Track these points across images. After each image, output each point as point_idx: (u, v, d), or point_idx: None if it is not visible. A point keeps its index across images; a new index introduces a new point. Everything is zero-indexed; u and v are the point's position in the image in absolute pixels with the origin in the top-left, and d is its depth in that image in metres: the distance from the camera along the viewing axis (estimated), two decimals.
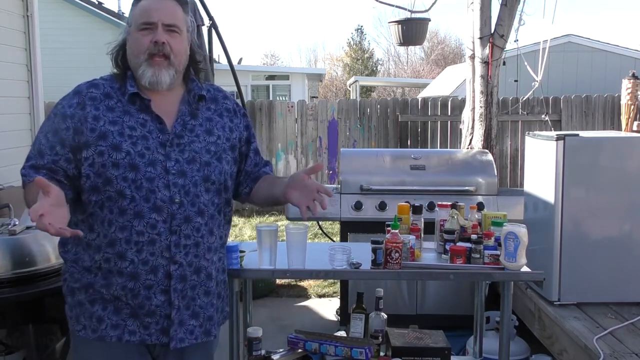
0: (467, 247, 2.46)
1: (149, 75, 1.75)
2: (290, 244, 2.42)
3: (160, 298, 1.74)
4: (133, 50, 1.77)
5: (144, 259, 1.71)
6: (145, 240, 1.70)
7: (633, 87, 3.90)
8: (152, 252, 1.72)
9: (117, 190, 1.69)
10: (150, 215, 1.70)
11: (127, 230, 1.70)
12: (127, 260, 1.71)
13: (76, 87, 1.81)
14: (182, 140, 1.78)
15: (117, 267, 1.72)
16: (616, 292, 3.22)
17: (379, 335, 2.85)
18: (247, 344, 2.72)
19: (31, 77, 4.98)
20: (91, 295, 1.76)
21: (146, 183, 1.70)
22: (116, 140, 1.70)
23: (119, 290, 1.73)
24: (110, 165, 1.69)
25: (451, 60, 28.52)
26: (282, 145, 8.68)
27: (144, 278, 1.72)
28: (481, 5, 4.70)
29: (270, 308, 4.73)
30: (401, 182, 4.11)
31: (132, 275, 1.71)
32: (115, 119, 1.74)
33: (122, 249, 1.70)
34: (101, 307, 1.75)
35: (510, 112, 7.93)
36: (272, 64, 35.85)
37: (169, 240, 1.72)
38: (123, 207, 1.69)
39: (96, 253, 1.73)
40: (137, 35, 1.76)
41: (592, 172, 3.23)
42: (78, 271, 1.77)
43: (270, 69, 22.33)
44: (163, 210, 1.71)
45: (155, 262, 1.72)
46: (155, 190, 1.71)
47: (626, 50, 12.74)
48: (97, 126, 1.71)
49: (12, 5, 4.77)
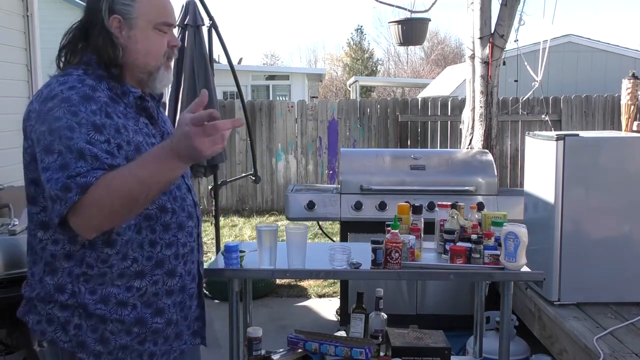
0: (467, 247, 2.46)
1: (169, 78, 1.64)
2: (290, 244, 2.42)
3: (194, 303, 1.72)
4: (149, 51, 1.57)
5: (188, 269, 1.66)
6: (188, 251, 1.66)
7: (633, 87, 3.89)
8: (192, 260, 1.68)
9: (159, 206, 1.56)
10: (188, 224, 1.65)
11: (174, 246, 1.60)
12: (177, 276, 1.62)
13: (69, 88, 1.47)
14: None
15: (167, 286, 1.60)
16: (616, 292, 3.22)
17: (379, 335, 2.85)
18: (247, 344, 2.72)
19: (31, 77, 4.98)
20: (141, 332, 1.56)
21: (177, 192, 1.62)
22: (145, 151, 1.53)
23: (172, 310, 1.62)
24: None
25: (451, 60, 28.52)
26: (282, 145, 8.68)
27: (189, 287, 1.67)
28: (481, 5, 4.70)
29: (270, 308, 4.73)
30: (401, 182, 4.11)
31: (181, 288, 1.64)
32: (135, 128, 1.55)
33: (171, 266, 1.60)
34: (152, 343, 1.59)
35: (510, 112, 7.93)
36: (272, 64, 35.87)
37: (197, 243, 1.71)
38: (166, 222, 1.57)
39: (134, 281, 1.54)
40: (153, 35, 1.57)
41: (592, 172, 3.23)
42: (109, 310, 1.51)
43: (270, 69, 22.32)
44: (193, 215, 1.67)
45: (194, 269, 1.70)
46: (185, 197, 1.65)
47: (626, 50, 12.73)
48: (130, 138, 1.51)
49: (12, 5, 4.77)
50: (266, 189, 8.70)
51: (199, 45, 3.98)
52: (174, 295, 1.61)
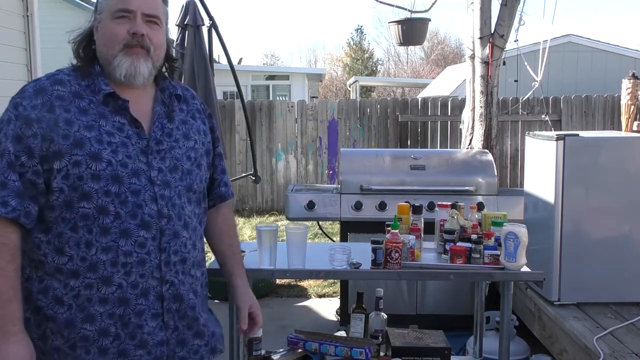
0: (467, 247, 2.46)
1: (126, 66, 1.55)
2: (290, 244, 2.42)
3: (152, 324, 1.57)
4: (106, 41, 1.56)
5: (133, 281, 1.54)
6: (134, 261, 1.53)
7: (633, 87, 3.89)
8: (142, 273, 1.54)
9: (98, 207, 1.50)
10: (139, 233, 1.53)
11: (112, 251, 1.51)
12: (113, 284, 1.52)
13: (34, 82, 1.56)
14: (162, 146, 1.60)
15: (101, 293, 1.52)
16: (616, 292, 3.22)
17: (379, 335, 2.85)
18: (247, 344, 2.72)
19: (31, 77, 4.99)
20: (70, 337, 1.53)
21: (132, 197, 1.52)
22: (94, 149, 1.49)
23: (106, 320, 1.53)
24: (89, 178, 1.49)
25: (451, 60, 28.52)
26: (282, 145, 8.68)
27: (134, 303, 1.54)
28: (481, 5, 4.70)
29: (270, 308, 4.73)
30: (401, 182, 4.11)
31: (121, 300, 1.53)
32: (90, 123, 1.51)
33: (107, 272, 1.51)
34: (84, 351, 1.53)
35: (510, 112, 7.93)
36: (272, 64, 35.85)
37: (159, 259, 1.56)
38: (105, 225, 1.50)
39: (71, 279, 1.51)
40: (110, 24, 1.55)
41: (592, 172, 3.23)
42: (47, 304, 1.53)
43: (270, 69, 22.32)
44: (152, 226, 1.54)
45: (145, 284, 1.55)
46: (142, 205, 1.53)
47: (626, 50, 12.72)
48: (70, 132, 1.49)
49: (12, 5, 4.78)
50: (266, 189, 8.70)
51: (199, 45, 3.98)
52: (109, 305, 1.53)
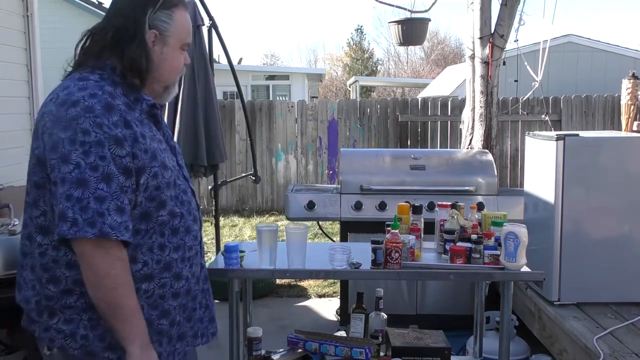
0: (467, 247, 2.46)
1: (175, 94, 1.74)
2: (290, 244, 2.42)
3: (197, 305, 1.71)
4: (171, 69, 1.64)
5: (193, 272, 1.68)
6: (194, 254, 1.67)
7: (633, 87, 3.89)
8: (197, 263, 1.70)
9: (169, 211, 1.58)
10: (194, 227, 1.67)
11: (180, 249, 1.62)
12: (182, 278, 1.63)
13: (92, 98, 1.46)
14: (173, 145, 1.75)
15: (173, 289, 1.61)
16: (616, 292, 3.22)
17: (379, 335, 2.85)
18: (247, 344, 2.73)
19: (31, 77, 4.98)
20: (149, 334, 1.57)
21: (184, 196, 1.64)
22: (162, 157, 1.56)
23: (177, 311, 1.63)
24: (164, 187, 1.55)
25: (451, 60, 28.52)
26: (282, 145, 8.68)
27: (193, 290, 1.68)
28: (481, 5, 4.70)
29: (270, 308, 4.73)
30: (401, 182, 4.11)
31: (187, 291, 1.65)
32: (150, 134, 1.57)
33: (178, 269, 1.61)
34: (157, 343, 1.58)
35: (510, 112, 7.93)
36: (272, 64, 35.85)
37: (200, 246, 1.73)
38: (175, 226, 1.59)
39: (143, 283, 1.55)
40: (178, 54, 1.65)
41: (592, 172, 3.23)
42: None
43: (270, 69, 22.32)
44: (197, 219, 1.70)
45: (198, 272, 1.71)
46: (191, 201, 1.68)
47: (626, 50, 12.73)
48: (147, 145, 1.52)
49: (12, 5, 4.77)
50: (266, 189, 8.70)
51: (199, 45, 3.98)
52: (180, 298, 1.63)
